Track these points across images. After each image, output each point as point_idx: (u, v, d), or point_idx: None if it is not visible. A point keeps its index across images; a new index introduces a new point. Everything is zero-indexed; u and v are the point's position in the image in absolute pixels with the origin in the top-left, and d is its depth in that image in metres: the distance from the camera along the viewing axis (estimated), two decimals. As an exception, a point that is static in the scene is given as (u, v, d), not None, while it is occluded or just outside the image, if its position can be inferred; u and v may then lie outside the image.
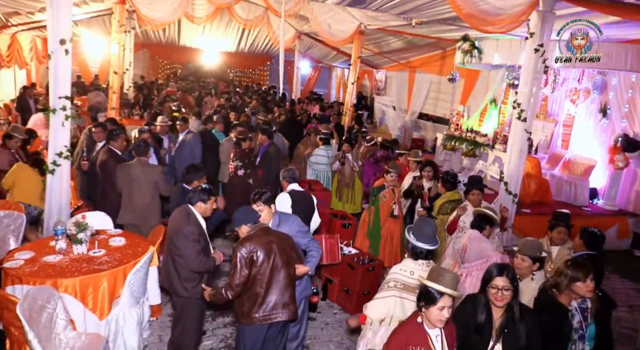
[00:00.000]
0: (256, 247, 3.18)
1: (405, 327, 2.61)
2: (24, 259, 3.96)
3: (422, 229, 3.26)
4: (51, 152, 5.04)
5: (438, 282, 2.48)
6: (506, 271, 2.78)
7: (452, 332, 2.64)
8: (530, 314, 2.83)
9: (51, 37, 4.84)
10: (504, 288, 2.73)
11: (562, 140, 9.69)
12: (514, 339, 2.70)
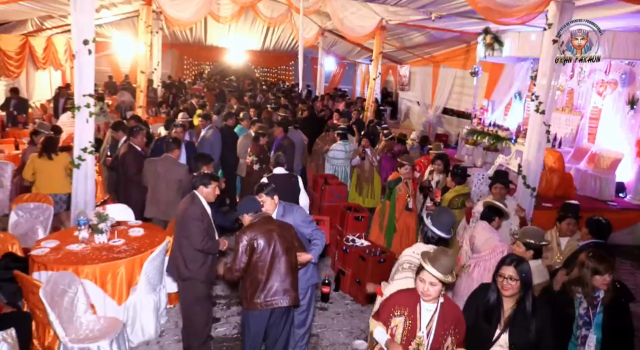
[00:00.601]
0: (257, 235, 3.31)
1: (406, 292, 2.75)
2: (49, 247, 4.22)
3: (441, 217, 3.37)
4: (77, 148, 5.31)
5: (426, 257, 2.58)
6: (515, 262, 2.80)
7: (450, 320, 2.65)
8: (545, 310, 2.78)
9: (75, 38, 5.10)
10: (511, 277, 2.75)
11: (588, 133, 9.44)
12: (522, 332, 2.70)
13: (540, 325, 2.68)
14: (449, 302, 2.73)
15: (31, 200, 5.36)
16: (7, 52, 11.21)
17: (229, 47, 20.48)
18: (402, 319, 2.65)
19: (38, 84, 13.91)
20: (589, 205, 7.95)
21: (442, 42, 13.02)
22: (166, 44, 18.89)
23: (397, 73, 18.14)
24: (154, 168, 5.28)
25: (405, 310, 2.66)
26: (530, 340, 2.67)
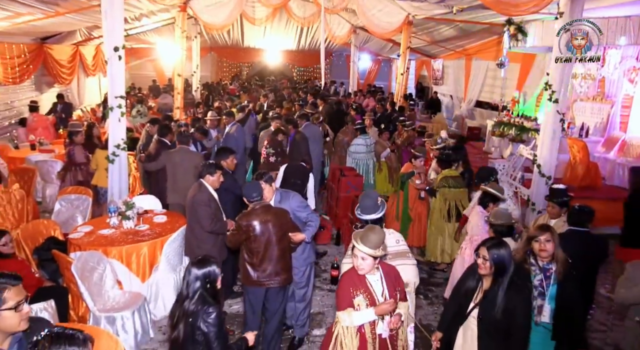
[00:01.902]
0: (253, 223, 3.69)
1: (349, 274, 2.97)
2: (84, 232, 4.79)
3: (362, 202, 3.62)
4: (111, 145, 5.90)
5: (357, 236, 2.84)
6: (489, 243, 3.00)
7: (393, 281, 2.93)
8: (521, 295, 2.87)
9: (107, 46, 5.67)
10: (485, 258, 2.96)
11: (620, 122, 9.20)
12: (489, 308, 2.88)
13: (510, 305, 2.81)
14: (386, 267, 3.00)
15: (73, 192, 6.01)
16: (59, 61, 12.19)
17: (265, 48, 21.08)
18: (361, 297, 2.87)
19: (88, 89, 14.98)
20: (615, 195, 7.81)
21: (473, 34, 12.94)
22: (205, 48, 19.75)
23: (431, 67, 18.10)
24: (172, 159, 5.81)
25: (360, 289, 2.89)
26: (495, 317, 2.83)
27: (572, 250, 3.37)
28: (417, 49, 16.69)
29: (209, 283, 2.70)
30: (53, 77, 12.11)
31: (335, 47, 20.67)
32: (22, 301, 2.08)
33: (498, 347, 2.86)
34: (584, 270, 3.53)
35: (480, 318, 2.93)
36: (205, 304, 2.63)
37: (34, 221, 5.23)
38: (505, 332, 2.81)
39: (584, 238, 3.72)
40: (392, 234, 3.75)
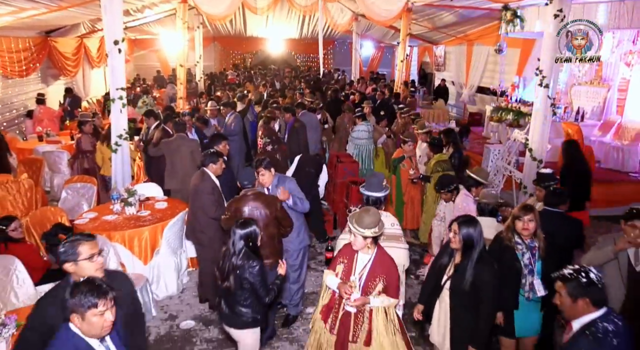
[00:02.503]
0: (242, 208, 3.91)
1: (347, 245, 3.25)
2: (89, 218, 5.04)
3: (370, 181, 3.91)
4: (113, 135, 6.13)
5: (353, 217, 3.05)
6: (461, 219, 3.20)
7: (380, 269, 3.08)
8: (488, 269, 3.06)
9: (107, 39, 5.87)
10: (454, 231, 3.16)
11: (617, 106, 9.26)
12: (459, 281, 3.09)
13: (479, 279, 3.01)
14: (383, 255, 3.15)
15: (79, 181, 6.28)
16: (64, 54, 12.41)
17: (268, 37, 21.14)
18: (342, 266, 3.17)
19: (94, 81, 15.22)
20: (610, 177, 7.95)
21: (473, 20, 12.93)
22: (208, 38, 19.87)
23: (433, 53, 18.10)
24: (170, 146, 6.05)
25: (346, 258, 3.18)
26: (464, 288, 3.04)
27: (545, 229, 3.56)
28: (418, 35, 16.68)
29: (250, 241, 3.19)
30: (59, 69, 12.34)
31: (338, 35, 20.68)
32: (95, 254, 2.50)
33: (468, 317, 3.06)
34: (559, 248, 3.71)
35: (452, 289, 3.15)
36: (249, 259, 3.14)
37: (41, 208, 5.50)
38: (474, 303, 3.02)
39: (557, 218, 3.89)
40: (388, 217, 3.94)
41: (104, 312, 2.11)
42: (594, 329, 2.25)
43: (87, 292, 2.12)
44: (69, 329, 2.14)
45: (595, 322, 2.28)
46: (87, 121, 7.16)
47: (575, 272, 2.34)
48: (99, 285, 2.16)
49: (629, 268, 3.31)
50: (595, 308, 2.30)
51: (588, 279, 2.31)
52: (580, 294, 2.29)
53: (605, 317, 2.30)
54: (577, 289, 2.30)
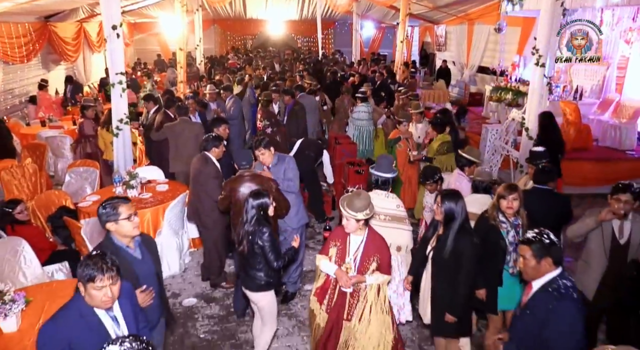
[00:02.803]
0: (236, 188, 4.03)
1: (339, 228, 3.34)
2: (92, 201, 5.17)
3: (380, 162, 4.05)
4: (114, 119, 6.22)
5: (344, 201, 3.13)
6: (444, 193, 3.36)
7: (373, 249, 3.19)
8: (467, 239, 3.20)
9: (105, 24, 5.91)
10: (438, 204, 3.31)
11: (616, 84, 9.26)
12: (440, 252, 3.24)
13: (456, 248, 3.16)
14: (374, 235, 3.25)
15: (81, 165, 6.41)
16: (64, 39, 12.43)
17: (268, 19, 21.00)
18: (335, 249, 3.24)
19: (95, 66, 15.25)
20: (607, 155, 8.02)
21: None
22: (208, 20, 19.77)
23: (434, 33, 17.96)
24: (173, 130, 6.15)
25: (338, 241, 3.25)
26: (445, 257, 3.19)
27: (534, 206, 3.68)
28: (419, 15, 16.55)
29: (262, 210, 3.46)
30: (59, 54, 12.38)
31: (338, 16, 20.51)
32: (132, 214, 2.79)
33: (448, 284, 3.21)
34: (548, 223, 3.81)
35: (433, 259, 3.31)
36: (260, 225, 3.42)
37: (46, 192, 5.64)
38: (453, 272, 3.16)
39: (546, 195, 3.98)
40: (394, 199, 4.06)
41: (101, 288, 2.23)
42: (555, 286, 2.40)
43: (90, 266, 2.24)
44: (79, 295, 2.29)
45: (556, 280, 2.43)
46: (89, 106, 7.25)
47: (538, 235, 2.46)
48: (104, 261, 2.25)
49: (613, 241, 3.41)
50: (555, 267, 2.44)
51: (550, 239, 2.44)
52: (543, 254, 2.42)
53: (562, 274, 2.45)
54: (541, 250, 2.42)
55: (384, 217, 3.93)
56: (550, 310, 2.34)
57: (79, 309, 2.27)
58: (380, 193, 3.97)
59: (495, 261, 3.51)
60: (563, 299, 2.35)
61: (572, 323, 2.31)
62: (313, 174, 6.17)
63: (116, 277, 2.26)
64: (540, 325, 2.37)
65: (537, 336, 2.38)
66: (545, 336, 2.33)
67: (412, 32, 20.92)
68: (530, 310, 2.47)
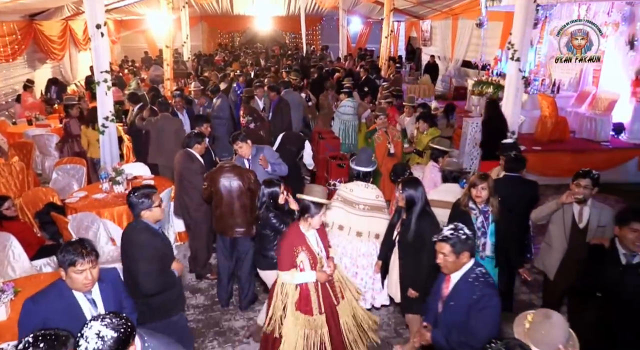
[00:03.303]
0: (216, 178, 4.21)
1: (288, 238, 3.29)
2: (79, 197, 5.30)
3: (360, 156, 4.24)
4: (100, 117, 6.34)
5: (303, 194, 3.26)
6: (405, 180, 3.63)
7: (322, 232, 3.41)
8: (428, 221, 3.45)
9: (89, 23, 6.01)
10: (399, 191, 3.55)
11: (592, 77, 9.50)
12: (405, 233, 3.50)
13: (419, 230, 3.40)
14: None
15: (68, 162, 6.52)
16: (50, 37, 12.44)
17: (255, 15, 21.03)
18: (303, 254, 3.25)
19: (81, 64, 15.23)
20: (582, 147, 8.26)
21: (458, -7, 13.03)
22: (195, 17, 19.78)
23: (420, 28, 18.15)
24: (155, 125, 6.35)
25: (301, 246, 3.24)
26: (409, 240, 3.43)
27: (507, 192, 3.90)
28: (405, 10, 16.72)
29: (272, 198, 3.70)
30: (45, 53, 12.39)
31: (325, 11, 20.63)
32: (161, 201, 3.27)
33: (413, 263, 3.44)
34: (520, 208, 4.05)
35: (399, 242, 3.53)
36: (269, 211, 3.69)
37: (33, 189, 5.75)
38: (418, 251, 3.39)
39: (517, 182, 4.20)
40: (373, 189, 4.25)
41: (82, 271, 2.42)
42: (474, 275, 2.58)
43: (71, 252, 2.43)
44: (61, 279, 2.46)
45: (473, 269, 2.61)
46: (73, 105, 7.34)
47: (455, 231, 2.62)
48: (83, 247, 2.46)
49: (573, 225, 3.62)
50: (470, 258, 2.62)
51: (466, 234, 2.61)
52: (462, 248, 2.58)
53: (476, 263, 2.64)
54: (459, 245, 2.57)
55: (364, 207, 4.11)
56: (476, 300, 2.50)
57: (59, 290, 2.46)
58: (360, 184, 4.16)
59: None
60: (485, 286, 2.52)
61: (495, 306, 2.49)
62: (295, 168, 6.32)
63: (95, 261, 2.44)
64: (465, 313, 2.52)
65: (462, 324, 2.53)
66: (471, 323, 2.49)
67: (399, 27, 21.09)
68: (455, 301, 2.62)
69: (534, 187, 4.26)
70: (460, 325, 2.53)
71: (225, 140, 7.87)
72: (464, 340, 2.49)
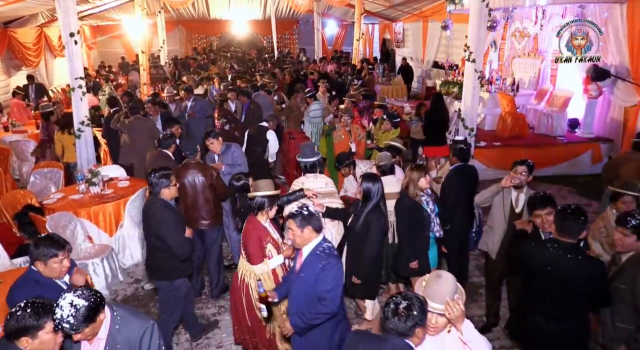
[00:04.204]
0: (185, 174, 4.52)
1: (252, 232, 3.52)
2: (57, 198, 5.54)
3: (303, 150, 4.62)
4: (76, 122, 6.58)
5: (257, 189, 3.58)
6: (365, 175, 3.93)
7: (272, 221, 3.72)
8: (376, 214, 3.76)
9: (63, 32, 6.26)
10: (359, 184, 3.88)
11: (550, 75, 10.03)
12: (355, 223, 3.84)
13: (367, 222, 3.73)
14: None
15: (46, 166, 6.74)
16: (24, 44, 12.55)
17: (232, 19, 21.24)
18: (270, 244, 3.56)
19: (57, 70, 15.30)
20: (540, 141, 8.76)
21: (427, -4, 13.47)
22: (172, 22, 19.94)
23: (392, 30, 18.62)
24: (129, 127, 6.66)
25: (267, 238, 3.54)
26: (356, 230, 3.78)
27: (461, 178, 4.40)
28: (377, 13, 17.17)
29: (243, 190, 4.00)
30: (20, 60, 12.50)
31: (301, 15, 20.95)
32: (176, 181, 3.80)
33: (357, 252, 3.79)
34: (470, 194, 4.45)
35: (349, 230, 3.90)
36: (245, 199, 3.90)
37: (12, 191, 5.98)
38: (362, 241, 3.74)
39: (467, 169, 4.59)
40: (322, 178, 4.62)
41: (61, 261, 2.74)
42: (321, 248, 2.94)
43: (49, 245, 2.72)
44: (33, 269, 2.76)
45: (321, 244, 2.96)
46: (50, 111, 7.56)
47: (299, 209, 2.98)
48: (59, 240, 2.79)
49: (511, 210, 4.01)
50: (317, 234, 2.95)
51: (309, 211, 2.96)
52: (304, 223, 2.92)
53: (324, 239, 3.00)
54: (302, 220, 2.92)
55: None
56: (321, 267, 2.86)
57: (34, 278, 2.74)
58: (309, 176, 4.51)
59: (424, 232, 4.08)
60: (329, 257, 2.89)
61: (338, 275, 2.89)
62: (262, 165, 6.58)
63: (69, 249, 2.73)
64: (314, 281, 2.88)
65: (312, 291, 2.88)
66: (319, 289, 2.84)
67: (373, 29, 21.57)
68: (304, 273, 2.96)
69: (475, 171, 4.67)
70: (309, 296, 2.88)
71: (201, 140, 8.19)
72: (314, 311, 2.84)
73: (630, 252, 2.94)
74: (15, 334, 2.14)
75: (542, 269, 2.79)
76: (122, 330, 2.26)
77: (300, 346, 3.09)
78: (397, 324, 2.09)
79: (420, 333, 2.16)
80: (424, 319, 2.14)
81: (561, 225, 2.76)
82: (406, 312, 2.09)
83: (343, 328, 3.08)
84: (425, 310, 2.15)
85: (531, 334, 2.95)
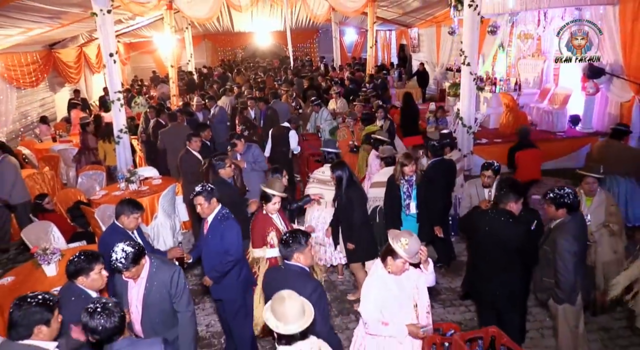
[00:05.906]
0: None
1: (259, 221, 4.09)
2: (102, 194, 6.49)
3: (326, 145, 5.48)
4: (115, 130, 7.56)
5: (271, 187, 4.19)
6: (333, 164, 4.76)
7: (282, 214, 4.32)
8: (354, 188, 4.54)
9: (104, 52, 7.25)
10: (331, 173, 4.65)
11: (553, 75, 10.50)
12: (339, 201, 4.61)
13: (348, 197, 4.50)
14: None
15: (90, 169, 7.75)
16: (67, 63, 13.82)
17: (255, 31, 22.31)
18: (273, 233, 4.02)
19: (95, 86, 16.63)
20: (541, 137, 9.25)
21: (436, 4, 14.04)
22: (199, 36, 21.15)
23: (409, 36, 19.26)
24: (167, 135, 7.53)
25: (270, 227, 4.04)
26: (342, 205, 4.56)
27: (437, 171, 5.08)
28: (393, 19, 17.85)
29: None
30: (63, 77, 13.77)
31: (320, 25, 21.83)
32: (231, 162, 4.93)
33: (346, 222, 4.55)
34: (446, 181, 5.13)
35: (338, 207, 4.66)
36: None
37: (64, 190, 6.99)
38: (350, 213, 4.48)
39: (444, 162, 5.27)
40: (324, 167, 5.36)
41: (138, 217, 3.70)
42: (221, 214, 3.80)
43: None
44: (116, 223, 3.72)
45: (220, 211, 3.81)
46: (88, 123, 8.64)
47: (203, 187, 3.79)
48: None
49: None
50: (217, 204, 3.78)
51: (211, 188, 3.78)
52: (209, 197, 3.73)
53: (222, 207, 3.83)
54: (207, 195, 3.71)
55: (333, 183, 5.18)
56: (223, 228, 3.70)
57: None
58: (328, 166, 5.19)
59: (395, 208, 4.79)
60: (228, 219, 3.76)
61: (237, 230, 3.73)
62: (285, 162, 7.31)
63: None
64: (219, 240, 3.69)
65: (218, 247, 3.69)
66: (225, 243, 3.67)
67: (390, 35, 22.24)
68: (210, 235, 3.75)
69: (453, 165, 5.33)
70: (217, 252, 3.71)
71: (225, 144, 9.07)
72: (224, 261, 3.68)
73: (556, 221, 3.56)
74: (74, 274, 2.97)
75: (482, 229, 3.47)
76: (158, 272, 3.08)
77: (217, 291, 3.95)
78: (282, 250, 2.99)
79: (300, 257, 2.95)
80: (300, 247, 2.95)
81: (498, 194, 3.45)
82: (287, 241, 2.97)
83: (245, 270, 3.94)
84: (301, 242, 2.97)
85: (478, 290, 3.62)
